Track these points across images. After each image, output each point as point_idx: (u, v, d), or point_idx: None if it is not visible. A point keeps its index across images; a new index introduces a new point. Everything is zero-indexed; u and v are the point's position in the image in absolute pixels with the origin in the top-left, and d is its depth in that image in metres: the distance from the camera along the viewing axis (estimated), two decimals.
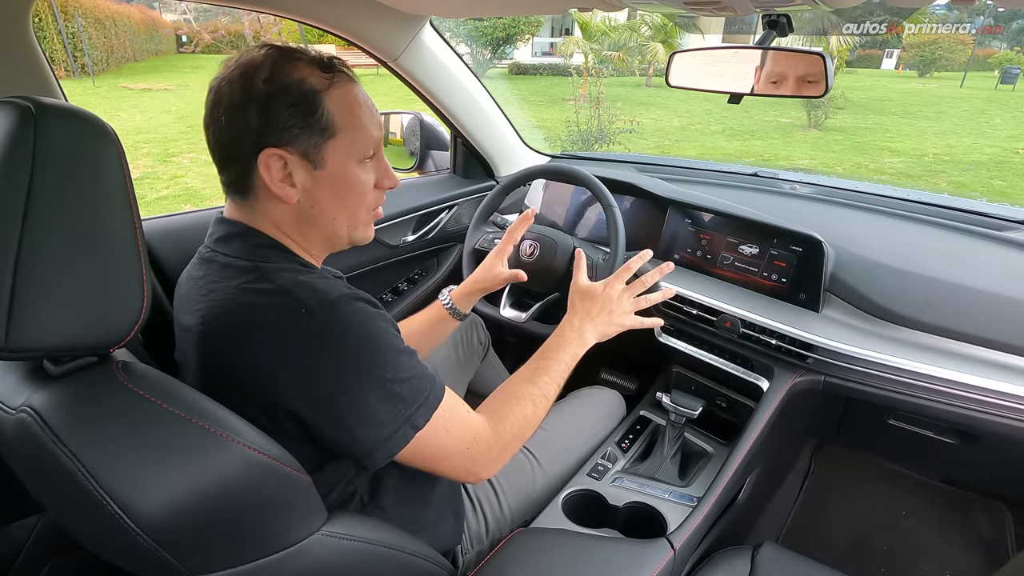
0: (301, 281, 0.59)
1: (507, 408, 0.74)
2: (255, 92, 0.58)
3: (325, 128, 0.61)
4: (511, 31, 14.46)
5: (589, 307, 0.90)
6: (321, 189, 0.63)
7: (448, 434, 0.64)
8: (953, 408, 0.92)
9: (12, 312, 0.41)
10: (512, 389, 0.77)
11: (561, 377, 0.82)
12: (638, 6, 0.92)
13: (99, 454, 0.42)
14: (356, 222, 0.68)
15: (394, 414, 0.59)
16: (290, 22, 2.37)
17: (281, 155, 0.60)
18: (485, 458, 0.69)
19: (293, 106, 0.59)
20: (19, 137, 0.41)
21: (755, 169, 1.50)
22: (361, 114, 0.64)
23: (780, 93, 0.95)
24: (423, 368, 0.64)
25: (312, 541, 0.54)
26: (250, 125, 0.59)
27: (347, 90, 0.63)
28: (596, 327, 0.88)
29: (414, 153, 1.57)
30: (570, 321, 0.88)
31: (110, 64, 11.70)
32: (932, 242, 1.12)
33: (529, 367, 0.82)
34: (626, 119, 7.74)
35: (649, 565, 0.79)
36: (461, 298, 1.04)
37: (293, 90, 0.59)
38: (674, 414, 1.05)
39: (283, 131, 0.59)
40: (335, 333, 0.57)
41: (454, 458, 0.66)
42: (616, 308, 0.90)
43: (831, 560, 1.25)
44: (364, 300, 0.62)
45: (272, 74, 0.59)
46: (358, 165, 0.65)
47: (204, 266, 0.64)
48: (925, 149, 8.41)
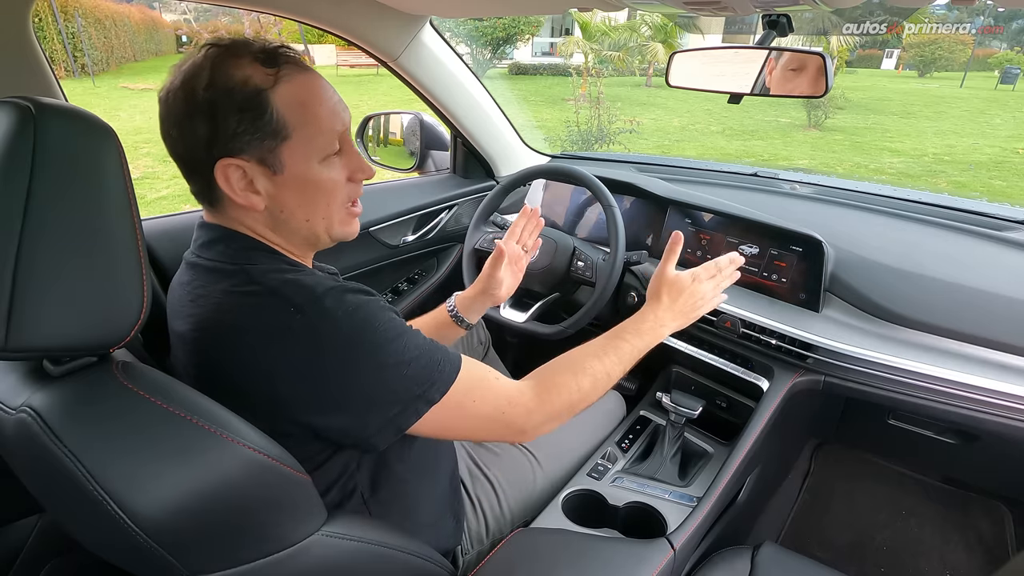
0: (288, 280, 0.58)
1: (562, 377, 0.71)
2: (198, 101, 0.55)
3: (278, 130, 0.57)
4: (511, 31, 14.47)
5: (676, 297, 0.86)
6: (286, 194, 0.60)
7: (475, 403, 0.63)
8: (953, 408, 0.92)
9: (12, 312, 0.41)
10: (575, 359, 0.74)
11: (630, 361, 0.78)
12: (638, 6, 0.92)
13: (99, 454, 0.42)
14: (332, 221, 0.65)
15: (404, 394, 0.58)
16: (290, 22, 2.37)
17: (238, 164, 0.57)
18: (523, 421, 0.67)
19: (240, 111, 0.55)
20: (19, 137, 0.41)
21: (755, 169, 1.50)
22: (315, 108, 0.59)
23: (780, 93, 0.95)
24: (429, 344, 0.62)
25: (312, 541, 0.54)
26: (199, 137, 0.56)
27: (296, 84, 0.58)
28: (677, 318, 0.85)
29: (414, 153, 1.57)
30: (653, 310, 0.84)
31: (110, 64, 11.71)
32: (932, 242, 1.12)
33: (599, 342, 0.78)
34: (626, 119, 7.74)
35: (649, 565, 0.79)
36: (465, 306, 1.00)
37: (236, 93, 0.55)
38: (674, 414, 1.05)
39: (234, 139, 0.56)
40: (328, 329, 0.55)
41: (488, 424, 0.65)
42: (699, 300, 0.87)
43: (831, 560, 1.26)
44: (354, 290, 0.59)
45: (213, 79, 0.55)
46: (322, 164, 0.61)
47: (190, 271, 0.63)
48: (925, 149, 8.41)
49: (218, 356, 0.57)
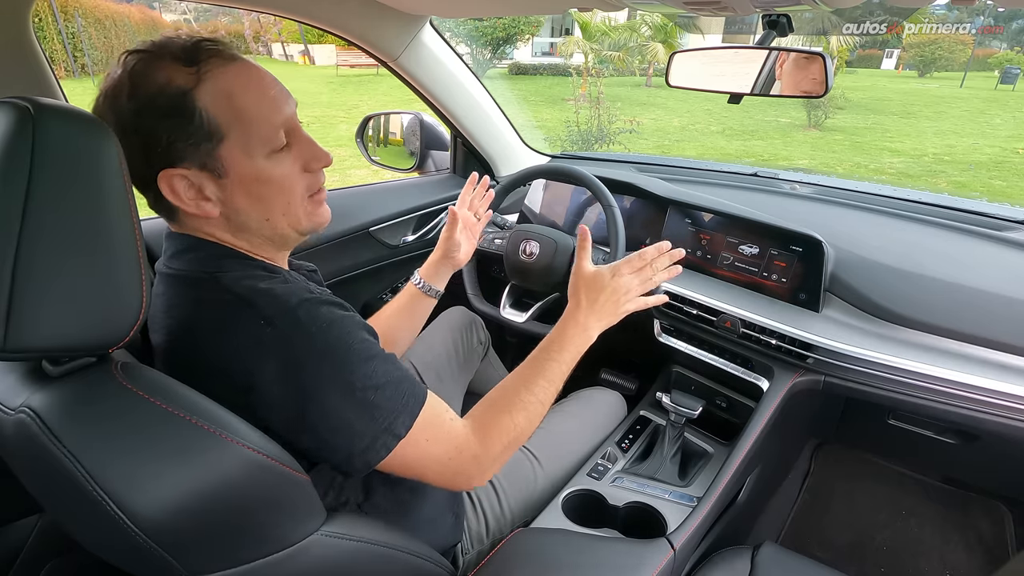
0: (260, 289, 0.55)
1: (498, 418, 0.68)
2: (123, 115, 0.52)
3: (211, 132, 0.54)
4: (511, 31, 14.47)
5: (595, 296, 0.81)
6: (237, 197, 0.57)
7: (427, 443, 0.60)
8: (953, 408, 0.92)
9: (11, 312, 0.41)
10: (505, 395, 0.71)
11: (560, 379, 0.76)
12: (638, 6, 0.92)
13: (98, 454, 0.42)
14: (295, 216, 0.61)
15: (371, 424, 0.55)
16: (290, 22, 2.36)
17: (181, 174, 0.54)
18: (472, 468, 0.65)
19: (164, 117, 0.52)
20: (18, 137, 0.41)
21: (755, 169, 1.50)
22: (247, 102, 0.55)
23: (780, 93, 0.95)
24: (400, 372, 0.59)
25: (311, 541, 0.54)
26: (135, 151, 0.51)
27: (221, 78, 0.54)
28: (602, 318, 0.80)
29: (414, 153, 1.57)
30: (574, 315, 0.80)
31: (110, 64, 11.65)
32: (932, 242, 1.12)
33: (526, 368, 0.75)
34: (626, 119, 7.75)
35: (649, 565, 0.79)
36: (430, 274, 1.01)
37: (159, 100, 0.52)
38: (674, 414, 1.05)
39: (168, 149, 0.53)
40: (296, 343, 0.53)
41: (436, 468, 0.62)
42: (623, 296, 0.82)
43: (831, 560, 1.26)
44: (328, 303, 0.57)
45: (133, 86, 0.52)
46: (268, 159, 0.57)
47: (164, 282, 0.61)
48: (925, 149, 8.41)
49: (191, 369, 0.55)
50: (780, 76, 0.95)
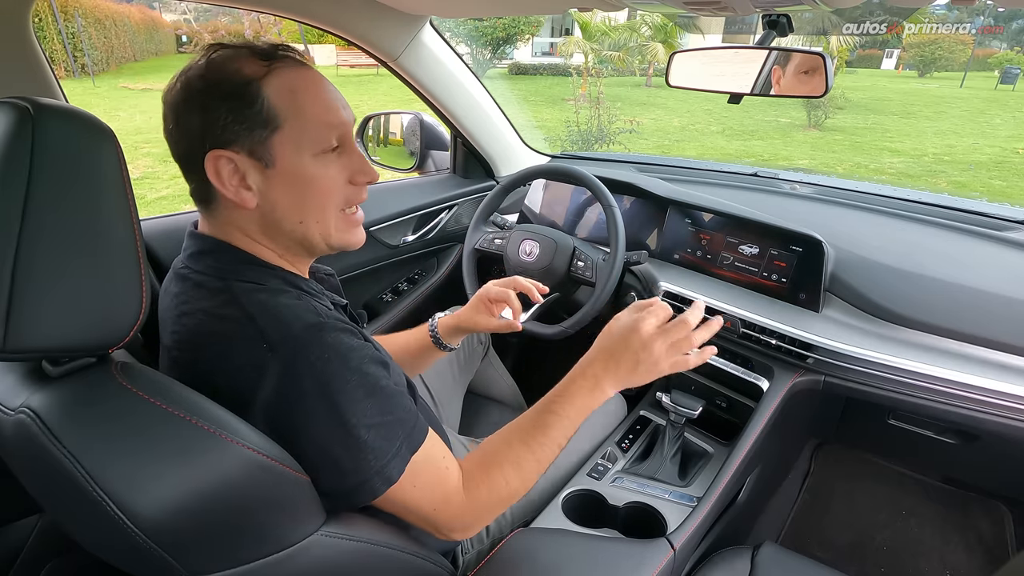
0: (269, 307, 0.55)
1: (489, 473, 0.65)
2: (193, 91, 0.55)
3: (268, 120, 0.55)
4: (511, 31, 14.47)
5: (613, 346, 0.71)
6: (277, 190, 0.58)
7: (415, 489, 0.58)
8: (953, 408, 0.92)
9: (11, 313, 0.41)
10: (500, 447, 0.67)
11: (562, 437, 0.68)
12: (638, 6, 0.91)
13: (98, 455, 0.42)
14: (328, 227, 0.62)
15: (362, 464, 0.55)
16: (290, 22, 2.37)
17: (229, 157, 0.55)
18: (455, 522, 0.63)
19: (228, 98, 0.54)
20: (17, 138, 0.41)
21: (755, 169, 1.50)
22: (308, 99, 0.58)
23: (780, 93, 0.95)
24: (401, 412, 0.58)
25: (311, 541, 0.54)
26: (193, 128, 0.55)
27: (290, 75, 0.57)
28: (619, 374, 0.70)
29: (414, 153, 1.57)
30: (586, 367, 0.71)
31: (110, 64, 11.71)
32: (932, 242, 1.12)
33: (526, 420, 0.69)
34: (626, 119, 7.75)
35: (649, 565, 0.79)
36: (448, 330, 0.98)
37: (227, 82, 0.55)
38: (674, 414, 1.05)
39: (224, 130, 0.55)
40: (296, 372, 0.53)
41: (419, 516, 0.61)
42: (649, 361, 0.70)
43: (831, 560, 1.26)
44: (336, 330, 0.56)
45: (207, 69, 0.55)
46: (315, 159, 0.58)
47: (178, 283, 0.61)
48: (925, 149, 8.41)
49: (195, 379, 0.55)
50: (780, 76, 0.95)
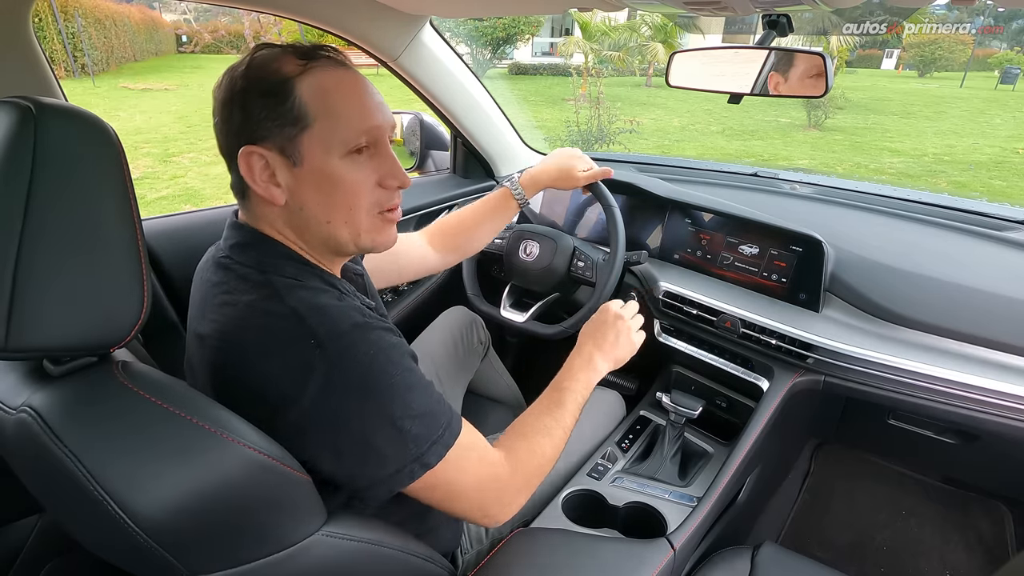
0: (314, 305, 0.56)
1: (522, 445, 0.71)
2: (235, 89, 0.57)
3: (298, 118, 0.56)
4: (511, 31, 14.46)
5: (593, 331, 0.90)
6: (305, 189, 0.59)
7: (458, 472, 0.61)
8: (953, 408, 0.92)
9: (12, 312, 0.41)
10: (526, 424, 0.74)
11: (577, 407, 0.79)
12: (638, 6, 0.91)
13: (99, 454, 0.42)
14: (357, 228, 0.62)
15: (402, 452, 0.56)
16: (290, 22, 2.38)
17: (260, 153, 0.57)
18: (502, 498, 0.66)
19: (264, 95, 0.56)
20: (19, 137, 0.41)
21: (755, 169, 1.50)
22: (340, 99, 0.58)
23: (780, 93, 0.95)
24: (439, 404, 0.60)
25: (312, 541, 0.54)
26: (233, 124, 0.58)
27: (325, 75, 0.58)
28: (604, 348, 0.87)
29: (414, 153, 1.57)
30: (580, 348, 0.88)
31: (110, 64, 11.70)
32: (932, 242, 1.12)
33: (541, 402, 0.78)
34: (626, 119, 7.75)
35: (649, 565, 0.79)
36: (528, 184, 1.09)
37: (264, 80, 0.56)
38: (674, 414, 1.05)
39: (258, 125, 0.56)
40: (345, 369, 0.54)
41: (467, 498, 0.63)
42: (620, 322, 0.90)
43: (831, 560, 1.26)
44: (379, 328, 0.57)
45: (249, 66, 0.57)
46: (343, 159, 0.59)
47: (221, 272, 0.61)
48: (925, 149, 8.41)
49: (233, 372, 0.56)
50: (780, 76, 0.95)
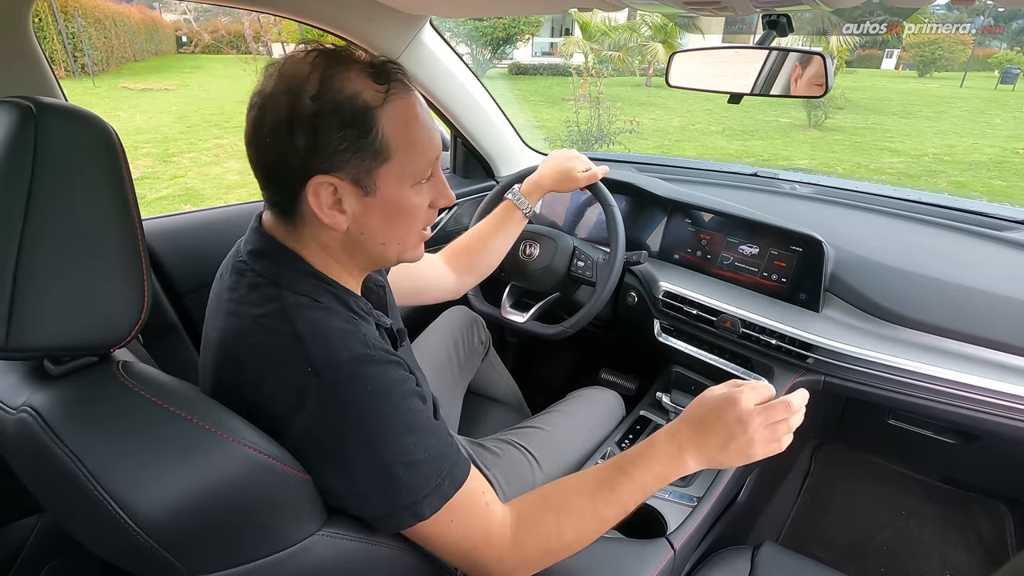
0: (319, 329, 0.54)
1: (542, 517, 0.62)
2: (302, 111, 0.52)
3: (379, 151, 0.55)
4: (511, 31, 14.45)
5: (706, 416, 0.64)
6: (372, 216, 0.58)
7: (452, 524, 0.57)
8: (953, 408, 0.92)
9: (12, 312, 0.41)
10: (561, 496, 0.63)
11: (632, 502, 0.62)
12: (638, 6, 0.91)
13: (100, 454, 0.42)
14: (406, 246, 0.63)
15: (391, 499, 0.54)
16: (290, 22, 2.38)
17: (331, 183, 0.54)
18: (498, 565, 0.60)
19: (345, 127, 0.53)
20: (20, 137, 0.41)
21: (755, 169, 1.50)
22: (419, 133, 0.57)
23: (780, 93, 0.95)
24: (442, 448, 0.57)
25: (312, 541, 0.54)
26: (297, 147, 0.53)
27: (404, 104, 0.56)
28: (706, 447, 0.63)
29: None
30: (673, 433, 0.64)
31: (110, 64, 11.69)
32: (932, 242, 1.12)
33: (595, 473, 0.64)
34: (626, 119, 7.74)
35: (649, 565, 0.79)
36: (531, 192, 1.09)
37: (344, 109, 0.53)
38: (674, 414, 1.05)
39: (333, 155, 0.53)
40: (336, 402, 0.52)
41: (455, 554, 0.59)
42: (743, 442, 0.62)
43: (831, 560, 1.26)
44: (383, 362, 0.55)
45: (321, 89, 0.52)
46: (412, 188, 0.59)
47: (236, 278, 0.59)
48: (925, 149, 8.40)
49: (234, 381, 0.56)
50: (780, 76, 0.95)
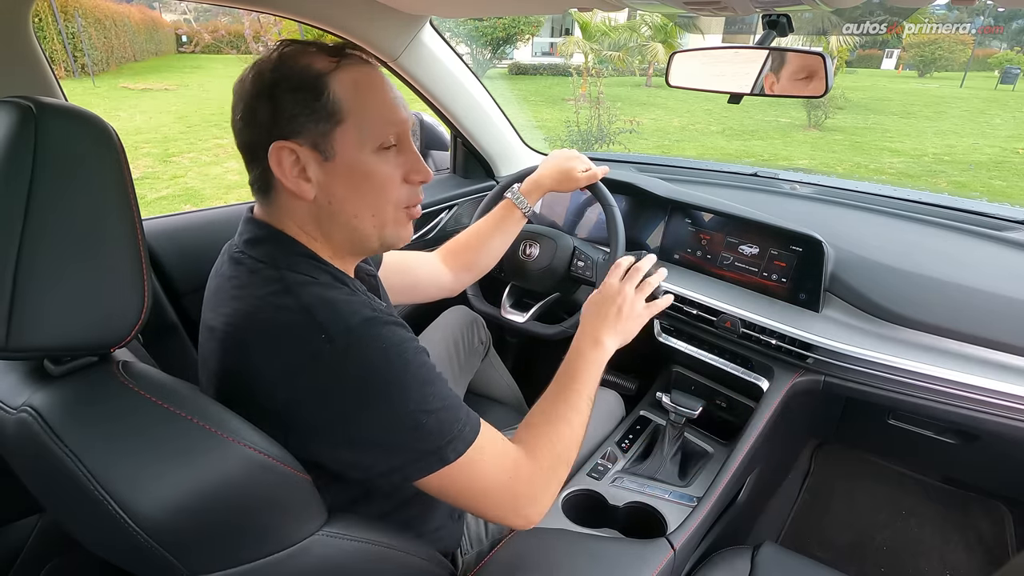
0: (325, 299, 0.56)
1: (540, 432, 0.68)
2: (263, 83, 0.57)
3: (332, 113, 0.57)
4: (511, 31, 14.45)
5: (597, 308, 0.84)
6: (335, 183, 0.60)
7: (483, 470, 0.60)
8: (953, 408, 0.92)
9: (13, 312, 0.41)
10: (540, 415, 0.72)
11: (589, 387, 0.75)
12: (638, 6, 0.91)
13: (100, 454, 0.42)
14: (383, 220, 0.63)
15: (419, 444, 0.55)
16: (290, 22, 2.39)
17: (291, 148, 0.57)
18: (531, 491, 0.64)
19: (297, 91, 0.57)
20: (20, 137, 0.41)
21: (755, 169, 1.50)
22: (370, 95, 0.60)
23: (780, 93, 0.95)
24: (454, 399, 0.59)
25: (312, 541, 0.54)
26: (262, 119, 0.57)
27: (355, 71, 0.59)
28: (608, 323, 0.81)
29: None
30: (583, 328, 0.82)
31: (110, 64, 11.69)
32: (932, 242, 1.12)
33: (552, 389, 0.75)
34: (626, 119, 7.74)
35: (649, 565, 0.80)
36: (531, 191, 1.10)
37: (296, 76, 0.57)
38: (674, 414, 1.05)
39: (290, 121, 0.57)
40: (355, 362, 0.53)
41: (495, 494, 0.61)
42: (626, 305, 0.83)
43: (831, 560, 1.26)
44: (391, 323, 0.57)
45: (279, 62, 0.57)
46: (374, 154, 0.60)
47: (234, 266, 0.61)
48: (925, 149, 8.40)
49: (242, 365, 0.56)
50: (780, 76, 0.95)
